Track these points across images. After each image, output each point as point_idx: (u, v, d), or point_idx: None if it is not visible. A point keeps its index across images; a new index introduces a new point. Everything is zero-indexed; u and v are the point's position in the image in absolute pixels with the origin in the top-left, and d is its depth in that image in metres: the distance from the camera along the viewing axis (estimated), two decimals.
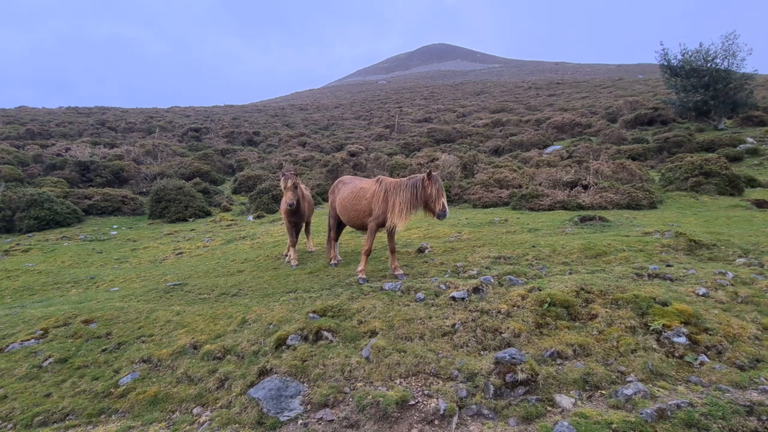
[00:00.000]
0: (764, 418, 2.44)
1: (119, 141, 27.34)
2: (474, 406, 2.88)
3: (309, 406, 3.06)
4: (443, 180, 12.98)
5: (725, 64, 21.77)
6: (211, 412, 3.18)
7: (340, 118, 42.47)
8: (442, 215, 4.83)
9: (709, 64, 22.02)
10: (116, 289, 6.68)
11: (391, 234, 5.24)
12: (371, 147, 24.24)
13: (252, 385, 3.34)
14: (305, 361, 3.51)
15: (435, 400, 2.99)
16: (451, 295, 4.24)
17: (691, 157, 13.19)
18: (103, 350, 4.19)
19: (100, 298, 5.85)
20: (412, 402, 2.98)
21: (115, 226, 13.48)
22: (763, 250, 5.24)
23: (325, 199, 14.66)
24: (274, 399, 3.11)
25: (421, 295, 4.35)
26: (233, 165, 23.06)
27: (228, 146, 27.16)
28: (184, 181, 16.26)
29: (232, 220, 13.38)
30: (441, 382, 3.18)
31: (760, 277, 4.20)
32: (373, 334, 3.83)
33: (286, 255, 7.08)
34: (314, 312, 4.13)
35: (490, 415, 2.81)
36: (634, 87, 43.66)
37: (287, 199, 6.06)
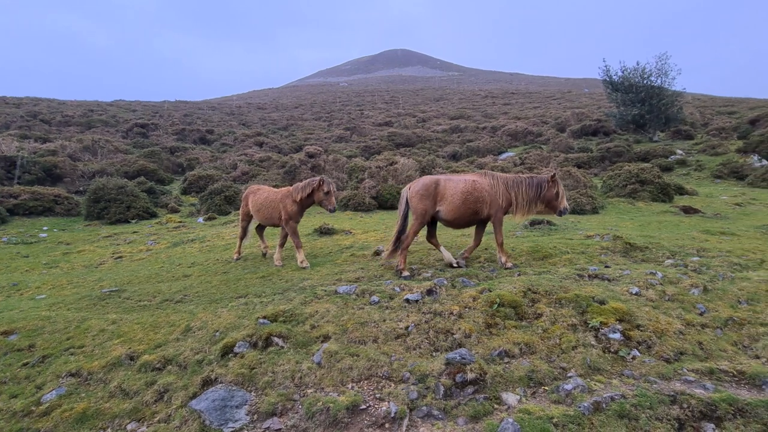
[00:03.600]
0: (685, 406, 2.66)
1: (53, 135, 25.07)
2: (424, 408, 2.90)
3: (256, 416, 2.93)
4: (401, 184, 13.12)
5: (659, 81, 23.91)
6: (147, 427, 2.96)
7: (300, 119, 41.74)
8: (564, 212, 5.47)
9: (645, 81, 24.06)
10: (43, 296, 6.08)
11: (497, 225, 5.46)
12: (331, 149, 23.99)
13: (194, 396, 3.15)
14: (253, 368, 3.37)
15: (386, 403, 2.97)
16: (405, 298, 4.25)
17: (629, 166, 14.27)
18: (25, 364, 3.79)
19: (23, 307, 5.29)
20: (363, 406, 2.94)
21: (45, 228, 12.31)
22: (687, 252, 5.75)
23: None
24: (218, 410, 2.95)
25: (375, 298, 4.33)
26: (183, 164, 21.89)
27: (178, 144, 25.76)
28: (126, 180, 15.18)
29: (180, 221, 12.67)
30: (393, 385, 3.17)
31: (684, 277, 4.59)
32: (326, 338, 3.75)
33: (265, 255, 7.18)
34: (265, 317, 3.99)
35: (440, 416, 2.84)
36: (581, 100, 46.69)
37: (330, 204, 6.16)
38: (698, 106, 35.39)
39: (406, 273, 5.20)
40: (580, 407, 2.67)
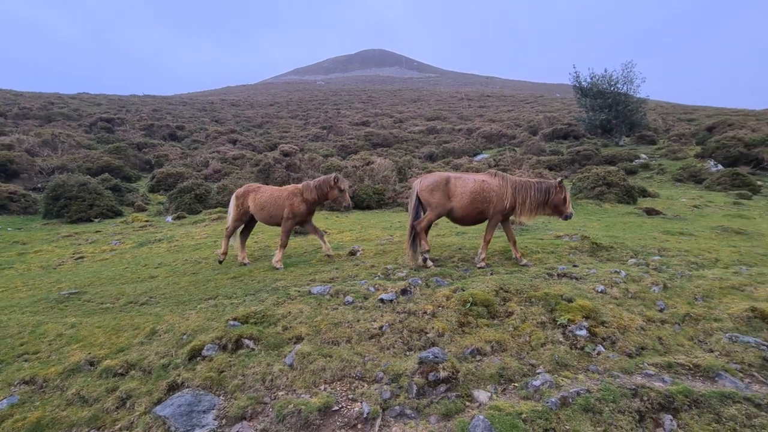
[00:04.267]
0: (645, 399, 2.77)
1: (9, 128, 23.60)
2: (397, 407, 2.90)
3: (224, 421, 2.85)
4: (378, 184, 13.13)
5: (625, 88, 24.95)
6: None
7: (275, 117, 41.04)
8: (569, 217, 5.62)
9: (612, 88, 25.05)
10: None
11: (502, 222, 5.73)
12: (307, 147, 23.72)
13: (159, 401, 3.03)
14: (222, 372, 3.28)
15: (359, 403, 2.95)
16: (379, 298, 4.25)
17: (597, 169, 14.82)
18: None
19: None
20: (336, 407, 2.91)
21: None
22: (649, 252, 6.03)
23: None
24: (184, 415, 2.85)
25: (350, 298, 4.30)
26: (151, 161, 21.07)
27: (146, 140, 24.78)
28: (89, 176, 14.46)
29: (146, 221, 12.18)
30: (366, 385, 3.16)
31: (646, 275, 4.80)
32: (299, 339, 3.70)
33: (243, 260, 6.52)
34: (235, 319, 3.89)
35: (413, 415, 2.85)
36: (553, 104, 48.14)
37: (345, 201, 6.25)
38: (661, 112, 37.21)
39: (426, 255, 5.36)
40: (547, 402, 2.74)
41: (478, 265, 5.35)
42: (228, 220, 6.53)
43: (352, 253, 6.40)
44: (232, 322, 3.82)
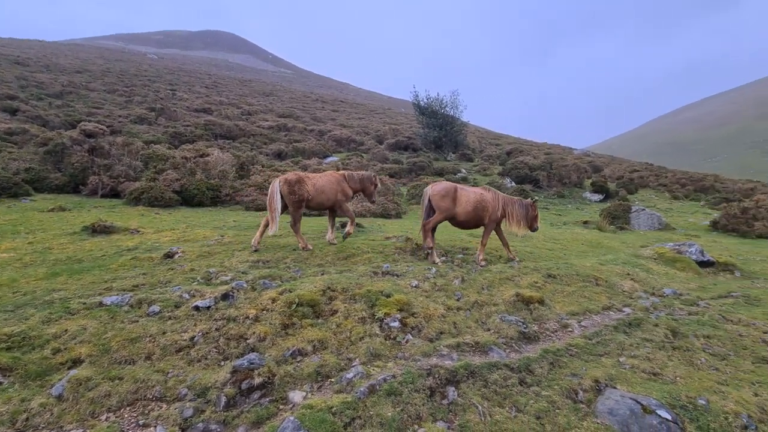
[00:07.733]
0: (437, 376, 3.23)
1: None
2: (200, 425, 2.64)
3: None
4: (214, 179, 11.90)
5: (452, 112, 29.30)
6: None
7: (84, 87, 32.99)
8: (537, 229, 7.06)
9: (443, 110, 29.09)
10: None
11: (495, 230, 6.84)
12: (127, 130, 19.87)
13: None
14: None
15: (153, 428, 2.57)
16: (194, 305, 3.82)
17: (428, 179, 16.95)
18: None
19: None
20: None
21: None
22: (456, 251, 7.14)
23: (36, 189, 10.72)
24: None
25: (156, 307, 3.73)
26: None
27: None
28: None
29: None
30: (165, 406, 2.77)
31: (450, 271, 5.66)
32: (77, 363, 3.00)
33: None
34: None
35: (218, 429, 2.63)
36: (398, 118, 52.89)
37: (375, 196, 7.42)
38: (478, 136, 45.13)
39: (430, 250, 6.24)
40: (357, 393, 2.91)
41: (480, 265, 6.25)
42: (272, 212, 6.06)
43: (169, 256, 5.58)
44: None
